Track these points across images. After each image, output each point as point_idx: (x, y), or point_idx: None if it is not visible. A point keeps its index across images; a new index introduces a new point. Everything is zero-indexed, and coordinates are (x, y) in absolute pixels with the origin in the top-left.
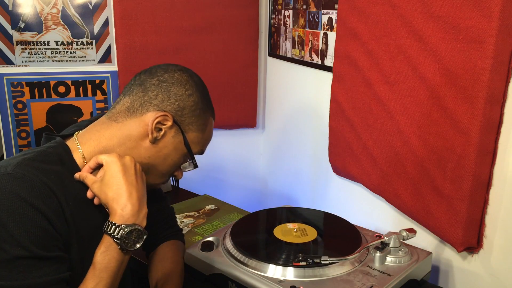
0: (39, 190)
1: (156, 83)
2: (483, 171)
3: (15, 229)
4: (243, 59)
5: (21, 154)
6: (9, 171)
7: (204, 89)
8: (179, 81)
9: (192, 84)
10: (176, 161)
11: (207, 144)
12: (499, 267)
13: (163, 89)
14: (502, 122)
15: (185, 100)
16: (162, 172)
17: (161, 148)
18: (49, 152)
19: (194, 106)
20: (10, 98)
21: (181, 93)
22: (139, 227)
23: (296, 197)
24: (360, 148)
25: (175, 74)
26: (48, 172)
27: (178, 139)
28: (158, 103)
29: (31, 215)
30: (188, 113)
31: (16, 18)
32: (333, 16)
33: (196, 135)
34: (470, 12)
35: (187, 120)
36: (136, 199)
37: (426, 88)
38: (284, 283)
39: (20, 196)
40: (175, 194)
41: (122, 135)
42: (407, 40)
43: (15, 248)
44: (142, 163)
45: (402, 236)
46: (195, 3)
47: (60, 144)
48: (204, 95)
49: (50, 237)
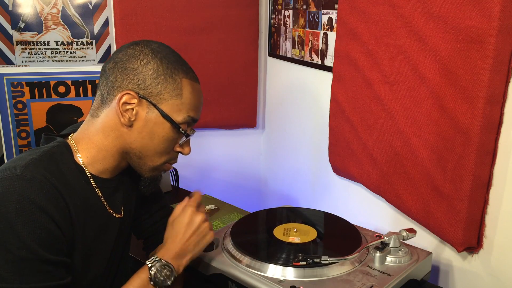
0: (48, 192)
1: (113, 66)
2: (483, 171)
3: (23, 231)
4: (243, 59)
5: (27, 154)
6: (18, 173)
7: (167, 52)
8: (132, 55)
9: (147, 53)
10: (167, 136)
11: (197, 109)
12: (499, 267)
13: (120, 69)
14: (502, 122)
15: (142, 71)
16: (157, 151)
17: (141, 127)
18: (53, 152)
19: (155, 73)
20: (10, 98)
21: (136, 66)
22: (172, 267)
23: (296, 197)
24: (360, 148)
25: (128, 50)
26: (55, 173)
27: (154, 113)
28: (119, 84)
29: (39, 217)
30: (151, 83)
31: (16, 18)
32: (333, 16)
33: (172, 103)
34: (470, 12)
35: (154, 90)
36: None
37: (426, 88)
38: (284, 283)
39: (29, 198)
40: (175, 194)
41: (104, 127)
42: (407, 40)
43: (20, 249)
44: (133, 149)
45: (402, 236)
46: (195, 3)
47: (63, 144)
48: (168, 58)
49: (56, 240)
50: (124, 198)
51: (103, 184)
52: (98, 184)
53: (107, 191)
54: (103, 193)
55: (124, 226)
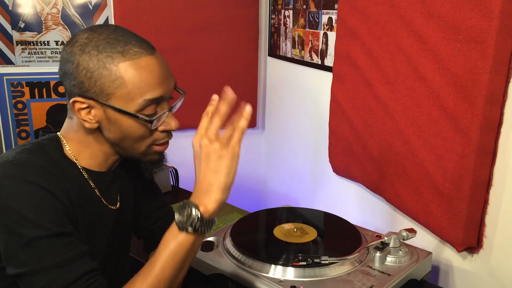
0: (43, 172)
1: (60, 73)
2: (483, 171)
3: (29, 211)
4: (243, 59)
5: (19, 146)
6: (10, 159)
7: (98, 39)
8: (65, 59)
9: (75, 52)
10: (134, 127)
11: (154, 86)
12: (499, 267)
13: (63, 75)
14: (502, 122)
15: (77, 75)
16: (135, 139)
17: (108, 126)
18: (44, 143)
19: (88, 73)
20: (10, 98)
21: (70, 70)
22: (194, 205)
23: (296, 197)
24: (360, 148)
25: (63, 54)
26: (48, 160)
27: (110, 110)
28: (68, 90)
29: (40, 194)
30: (89, 83)
31: (16, 18)
32: (333, 16)
33: (120, 94)
34: (470, 12)
35: (95, 89)
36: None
37: (426, 88)
38: (284, 283)
39: (25, 179)
40: (175, 194)
41: (79, 130)
42: (407, 40)
43: (32, 229)
44: (113, 143)
45: (402, 236)
46: (195, 3)
47: (54, 137)
48: (98, 47)
49: (62, 214)
50: (121, 190)
51: (97, 177)
52: (92, 176)
53: (101, 183)
54: (96, 185)
55: (120, 218)
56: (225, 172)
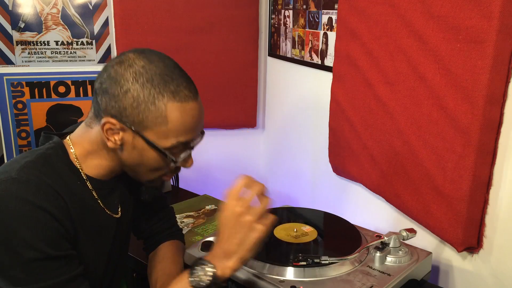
0: (45, 192)
1: (99, 86)
2: (483, 171)
3: (26, 233)
4: (243, 59)
5: (22, 157)
6: (13, 176)
7: (153, 72)
8: (113, 80)
9: (127, 78)
10: (156, 160)
11: (189, 130)
12: (499, 267)
13: (104, 92)
14: (502, 122)
15: (122, 100)
16: (150, 169)
17: (130, 151)
18: (48, 154)
19: (135, 102)
20: (10, 98)
21: (117, 92)
22: (211, 268)
23: (296, 197)
24: (360, 148)
25: (111, 71)
26: (51, 174)
27: (140, 140)
28: (104, 108)
29: (40, 217)
30: (132, 112)
31: (16, 18)
32: (333, 16)
33: (157, 130)
34: (470, 12)
35: (136, 119)
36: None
37: (426, 88)
38: (284, 283)
39: (27, 200)
40: (175, 194)
41: (97, 142)
42: (407, 40)
43: (29, 250)
44: (125, 165)
45: (402, 236)
46: (195, 3)
47: (58, 145)
48: (152, 81)
49: (60, 236)
50: (121, 197)
51: (100, 185)
52: (94, 185)
53: (103, 192)
54: (99, 194)
55: (121, 226)
56: (250, 246)
